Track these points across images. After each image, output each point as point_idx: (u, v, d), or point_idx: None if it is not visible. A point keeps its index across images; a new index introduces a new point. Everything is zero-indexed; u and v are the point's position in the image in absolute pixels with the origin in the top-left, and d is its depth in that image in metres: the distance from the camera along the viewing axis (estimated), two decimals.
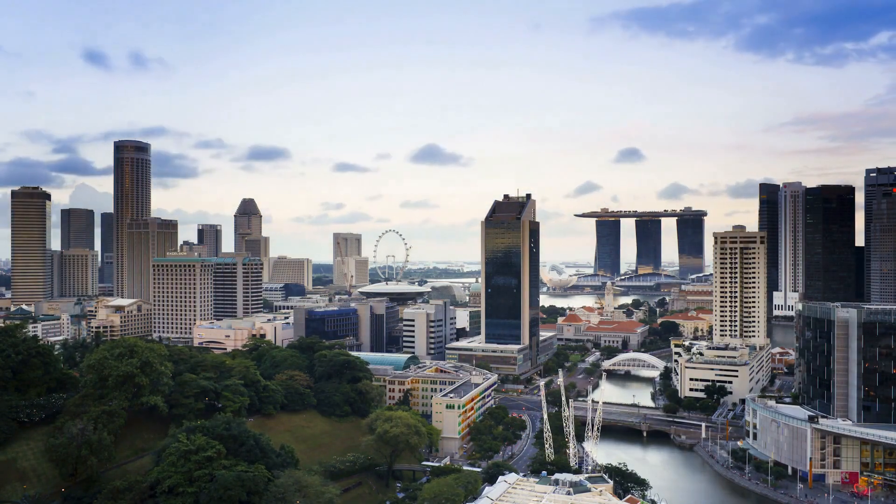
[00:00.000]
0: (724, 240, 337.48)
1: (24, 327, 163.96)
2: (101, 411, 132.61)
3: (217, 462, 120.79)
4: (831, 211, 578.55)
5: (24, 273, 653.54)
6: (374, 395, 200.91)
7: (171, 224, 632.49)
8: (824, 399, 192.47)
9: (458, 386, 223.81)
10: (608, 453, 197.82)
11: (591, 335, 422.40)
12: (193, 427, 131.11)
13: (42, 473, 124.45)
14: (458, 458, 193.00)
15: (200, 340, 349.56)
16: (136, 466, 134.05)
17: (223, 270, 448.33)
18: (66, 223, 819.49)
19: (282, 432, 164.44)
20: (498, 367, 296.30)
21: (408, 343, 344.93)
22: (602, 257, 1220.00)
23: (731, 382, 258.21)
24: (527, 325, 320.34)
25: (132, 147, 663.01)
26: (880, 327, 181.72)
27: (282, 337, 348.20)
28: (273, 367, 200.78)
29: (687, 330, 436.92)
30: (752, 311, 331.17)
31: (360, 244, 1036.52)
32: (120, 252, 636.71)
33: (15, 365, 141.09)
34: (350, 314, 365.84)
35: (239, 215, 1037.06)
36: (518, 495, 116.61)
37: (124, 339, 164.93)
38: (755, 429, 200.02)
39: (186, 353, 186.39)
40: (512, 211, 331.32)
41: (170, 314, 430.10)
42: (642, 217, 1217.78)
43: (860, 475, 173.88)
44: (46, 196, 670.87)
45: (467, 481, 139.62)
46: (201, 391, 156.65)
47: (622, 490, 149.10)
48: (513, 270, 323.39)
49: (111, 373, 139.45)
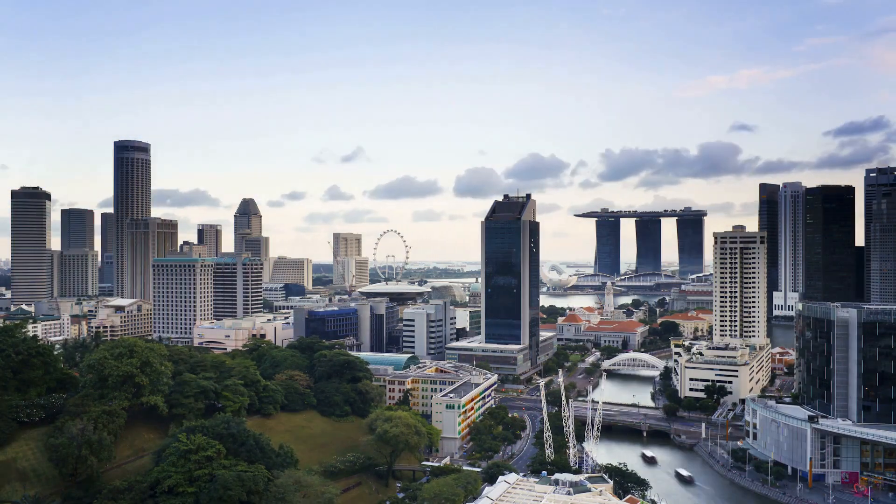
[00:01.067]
0: (724, 240, 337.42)
1: (23, 327, 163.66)
2: (101, 411, 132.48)
3: (217, 462, 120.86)
4: (831, 211, 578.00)
5: (24, 273, 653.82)
6: (374, 395, 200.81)
7: (171, 224, 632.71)
8: (824, 399, 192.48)
9: (458, 386, 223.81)
10: (610, 452, 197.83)
11: (591, 335, 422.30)
12: (193, 427, 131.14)
13: (42, 473, 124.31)
14: (458, 458, 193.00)
15: (200, 340, 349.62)
16: (136, 466, 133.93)
17: (223, 270, 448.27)
18: (66, 223, 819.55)
19: (282, 432, 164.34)
20: (498, 367, 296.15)
21: (408, 343, 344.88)
22: (602, 257, 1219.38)
23: (731, 382, 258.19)
24: (527, 325, 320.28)
25: (132, 147, 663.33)
26: (880, 327, 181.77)
27: (282, 337, 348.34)
28: (273, 367, 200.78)
29: (687, 330, 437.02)
30: (752, 311, 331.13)
31: (360, 244, 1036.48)
32: (120, 252, 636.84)
33: (15, 365, 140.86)
34: (350, 314, 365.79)
35: (239, 215, 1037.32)
36: (518, 495, 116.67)
37: (124, 339, 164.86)
38: (755, 429, 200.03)
39: (186, 353, 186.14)
40: (512, 211, 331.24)
41: (170, 314, 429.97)
42: (642, 217, 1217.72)
43: (860, 475, 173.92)
44: (46, 196, 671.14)
45: (467, 481, 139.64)
46: (201, 391, 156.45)
47: (622, 490, 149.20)
48: (513, 270, 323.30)
49: (111, 373, 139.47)
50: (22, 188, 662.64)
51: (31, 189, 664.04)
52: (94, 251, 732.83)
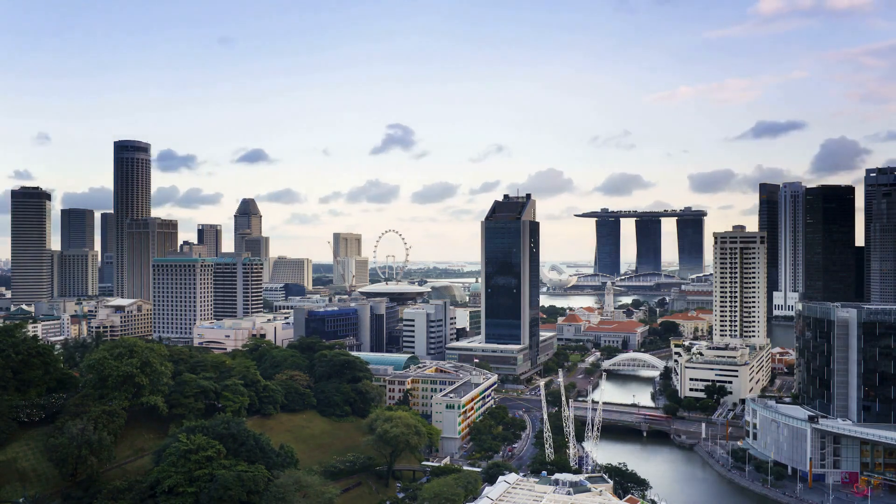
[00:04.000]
0: (724, 240, 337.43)
1: (23, 327, 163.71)
2: (101, 411, 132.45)
3: (217, 462, 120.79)
4: (831, 211, 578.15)
5: (24, 273, 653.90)
6: (374, 395, 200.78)
7: (171, 224, 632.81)
8: (824, 399, 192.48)
9: (458, 386, 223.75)
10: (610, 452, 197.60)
11: (591, 335, 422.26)
12: (193, 427, 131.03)
13: (42, 473, 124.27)
14: (458, 458, 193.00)
15: (200, 340, 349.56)
16: (136, 466, 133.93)
17: (223, 270, 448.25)
18: (66, 223, 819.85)
19: (282, 432, 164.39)
20: (498, 367, 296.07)
21: (408, 343, 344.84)
22: (602, 257, 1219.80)
23: (731, 382, 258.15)
24: (527, 325, 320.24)
25: (133, 147, 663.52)
26: (880, 327, 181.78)
27: (282, 337, 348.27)
28: (273, 367, 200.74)
29: (687, 330, 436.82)
30: (752, 311, 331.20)
31: (360, 244, 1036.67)
32: (120, 252, 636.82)
33: (15, 365, 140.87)
34: (350, 314, 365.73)
35: (239, 215, 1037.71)
36: (518, 495, 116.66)
37: (124, 339, 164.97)
38: (755, 429, 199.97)
39: (186, 353, 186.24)
40: (512, 211, 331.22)
41: (170, 314, 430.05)
42: (642, 217, 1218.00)
43: (860, 475, 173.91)
44: (46, 196, 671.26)
45: (467, 481, 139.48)
46: (201, 391, 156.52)
47: (622, 490, 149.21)
48: (513, 270, 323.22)
49: (111, 373, 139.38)
50: (22, 188, 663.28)
51: (31, 189, 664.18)
52: (94, 251, 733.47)
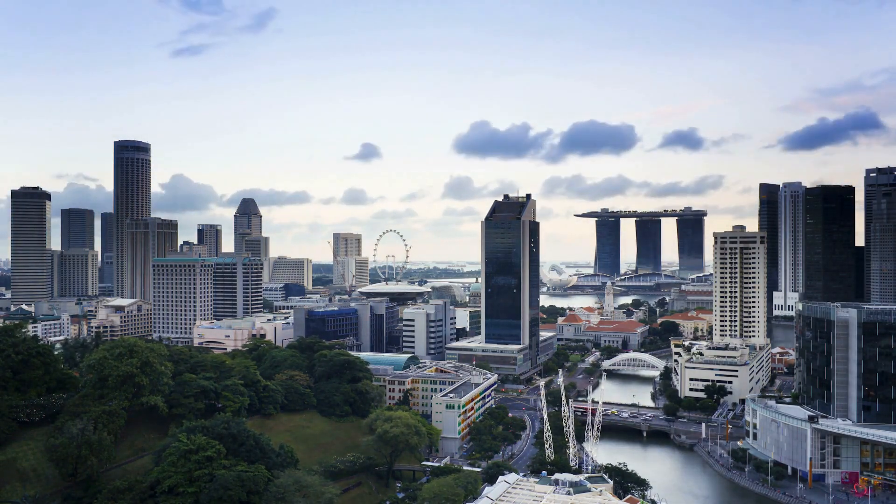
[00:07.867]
0: (724, 240, 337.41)
1: (24, 327, 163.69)
2: (101, 411, 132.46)
3: (217, 462, 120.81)
4: (831, 211, 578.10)
5: (24, 273, 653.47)
6: (374, 395, 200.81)
7: (171, 224, 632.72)
8: (824, 399, 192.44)
9: (458, 386, 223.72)
10: (610, 451, 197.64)
11: (591, 335, 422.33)
12: (193, 427, 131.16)
13: (42, 473, 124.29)
14: (458, 458, 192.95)
15: (200, 340, 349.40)
16: (136, 466, 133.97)
17: (223, 270, 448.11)
18: (66, 223, 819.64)
19: (282, 432, 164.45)
20: (498, 367, 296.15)
21: (408, 343, 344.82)
22: (602, 257, 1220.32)
23: (731, 382, 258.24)
24: (527, 325, 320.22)
25: (133, 147, 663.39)
26: (880, 327, 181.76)
27: (282, 337, 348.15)
28: (273, 367, 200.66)
29: (687, 330, 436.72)
30: (752, 311, 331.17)
31: (360, 244, 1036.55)
32: (120, 252, 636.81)
33: (15, 365, 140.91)
34: (350, 314, 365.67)
35: (239, 215, 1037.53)
36: (518, 495, 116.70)
37: (124, 339, 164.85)
38: (755, 429, 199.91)
39: (186, 353, 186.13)
40: (512, 211, 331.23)
41: (170, 314, 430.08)
42: (642, 217, 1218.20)
43: (860, 475, 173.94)
44: (46, 196, 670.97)
45: (467, 481, 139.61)
46: (201, 391, 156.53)
47: (622, 490, 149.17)
48: (513, 270, 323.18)
49: (111, 373, 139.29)
50: (22, 188, 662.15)
51: (31, 189, 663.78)
52: (94, 251, 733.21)
